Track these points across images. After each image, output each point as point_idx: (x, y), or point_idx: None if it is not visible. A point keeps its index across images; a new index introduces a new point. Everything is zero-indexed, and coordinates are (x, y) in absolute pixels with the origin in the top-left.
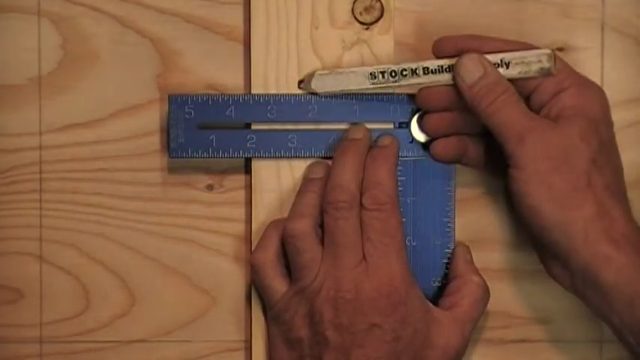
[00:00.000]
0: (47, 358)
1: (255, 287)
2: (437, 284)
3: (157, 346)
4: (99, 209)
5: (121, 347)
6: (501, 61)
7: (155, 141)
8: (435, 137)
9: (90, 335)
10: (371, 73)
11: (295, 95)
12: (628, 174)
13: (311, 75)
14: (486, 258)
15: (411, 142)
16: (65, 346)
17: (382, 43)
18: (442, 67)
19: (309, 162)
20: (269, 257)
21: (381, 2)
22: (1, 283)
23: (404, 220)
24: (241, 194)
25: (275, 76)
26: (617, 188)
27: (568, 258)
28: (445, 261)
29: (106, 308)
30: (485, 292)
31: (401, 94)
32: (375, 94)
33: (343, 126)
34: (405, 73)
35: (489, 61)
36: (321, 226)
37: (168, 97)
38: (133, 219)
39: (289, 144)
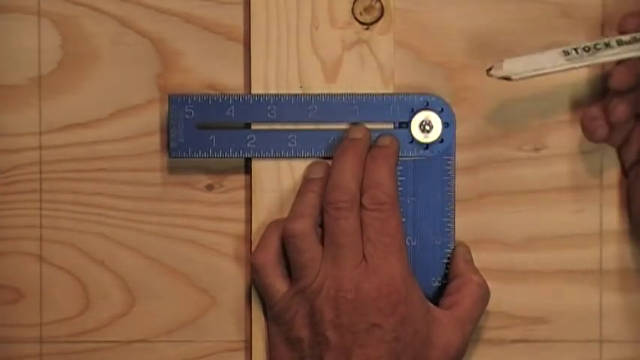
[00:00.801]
0: (47, 358)
1: (256, 287)
2: (437, 284)
3: (157, 346)
4: (99, 209)
5: (121, 347)
6: None
7: (155, 141)
8: (619, 124)
9: (90, 335)
10: (564, 51)
11: (295, 95)
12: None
13: (501, 61)
14: (486, 258)
15: (411, 142)
16: (65, 346)
17: (382, 43)
18: (636, 37)
19: (309, 162)
20: (269, 257)
21: (381, 2)
22: (1, 283)
23: (404, 220)
24: (241, 194)
25: (275, 76)
26: None
27: None
28: (445, 261)
29: (106, 308)
30: (486, 292)
31: (401, 94)
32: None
33: (343, 126)
34: (598, 47)
35: None
36: (321, 226)
37: (168, 97)
38: (133, 219)
39: (289, 144)
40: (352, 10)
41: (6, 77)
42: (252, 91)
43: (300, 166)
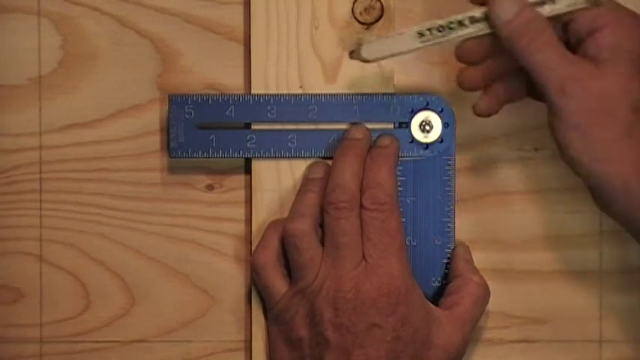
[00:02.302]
0: (47, 358)
1: (256, 287)
2: (437, 284)
3: (157, 346)
4: (99, 209)
5: (121, 347)
6: (542, 1)
7: (155, 141)
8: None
9: (90, 335)
10: (418, 32)
11: (295, 95)
12: None
13: (360, 44)
14: (486, 258)
15: (411, 142)
16: (65, 346)
17: None
18: (487, 14)
19: (309, 162)
20: (269, 257)
21: (381, 2)
22: (1, 283)
23: (404, 220)
24: (241, 194)
25: (275, 76)
26: None
27: (607, 207)
28: (445, 261)
29: (106, 308)
30: (486, 292)
31: (401, 94)
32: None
33: (343, 126)
34: (452, 26)
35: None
36: (321, 226)
37: (169, 97)
38: (133, 219)
39: (289, 144)
40: (352, 10)
41: (6, 77)
42: (252, 91)
43: (300, 166)
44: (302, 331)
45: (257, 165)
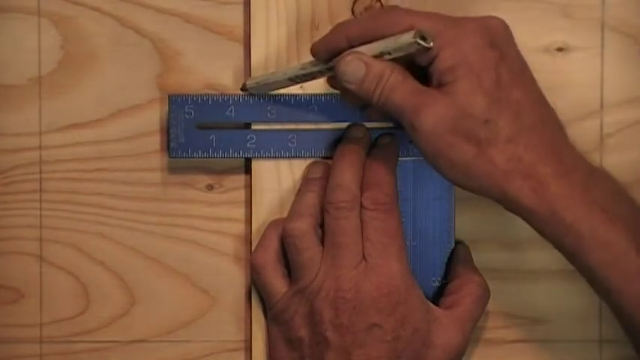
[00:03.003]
0: (47, 358)
1: (256, 287)
2: (437, 284)
3: (157, 346)
4: (99, 209)
5: (121, 347)
6: (381, 53)
7: (155, 141)
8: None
9: (90, 335)
10: (288, 78)
11: (295, 95)
12: (628, 174)
13: (246, 81)
14: (486, 258)
15: (411, 142)
16: (65, 346)
17: None
18: (321, 70)
19: (309, 162)
20: (269, 257)
21: (381, 2)
22: (1, 283)
23: (404, 220)
24: (241, 194)
25: None
26: (529, 129)
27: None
28: (445, 261)
29: (106, 308)
30: (486, 291)
31: None
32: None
33: (343, 126)
34: (314, 72)
35: (366, 56)
36: (321, 226)
37: (168, 97)
38: (133, 219)
39: (289, 144)
40: (352, 10)
41: (6, 77)
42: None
43: (300, 166)
44: (302, 331)
45: (257, 165)
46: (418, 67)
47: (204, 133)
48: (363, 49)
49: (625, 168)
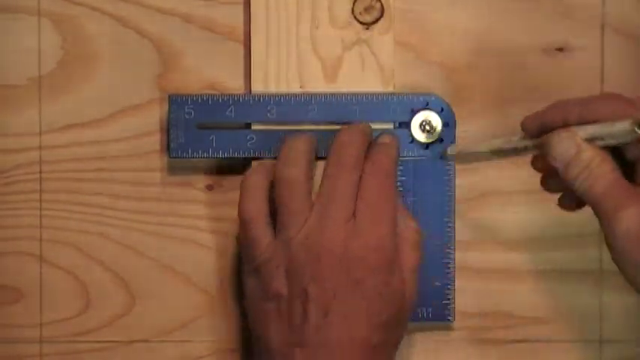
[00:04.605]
0: (47, 358)
1: (240, 243)
2: (437, 284)
3: (157, 346)
4: (99, 209)
5: (121, 347)
6: (593, 137)
7: (155, 141)
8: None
9: (90, 335)
10: (491, 151)
11: (295, 95)
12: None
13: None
14: (486, 258)
15: (411, 142)
16: (65, 346)
17: (382, 43)
18: (528, 147)
19: None
20: (259, 208)
21: (381, 2)
22: (1, 283)
23: None
24: None
25: (275, 76)
26: None
27: None
28: (445, 261)
29: (106, 308)
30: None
31: (401, 94)
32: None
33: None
34: (519, 148)
35: (580, 137)
36: None
37: (168, 97)
38: (133, 219)
39: None
40: (352, 10)
41: (6, 77)
42: (252, 91)
43: None
44: (282, 285)
45: None
46: (627, 164)
47: (204, 133)
48: (575, 129)
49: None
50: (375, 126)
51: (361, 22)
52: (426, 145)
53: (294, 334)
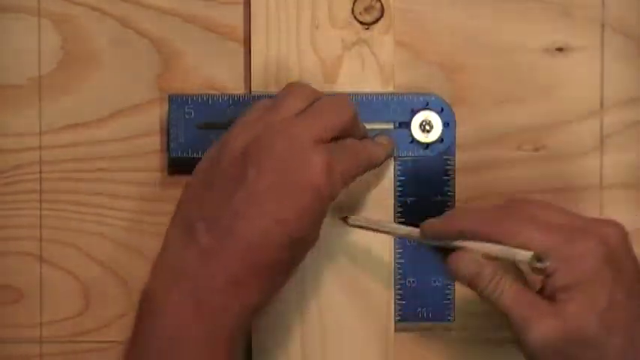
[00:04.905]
0: (47, 358)
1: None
2: (437, 284)
3: None
4: (99, 209)
5: (121, 347)
6: (494, 257)
7: (155, 141)
8: None
9: (90, 335)
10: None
11: None
12: (628, 174)
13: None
14: None
15: (411, 142)
16: (65, 346)
17: (382, 43)
18: (426, 244)
19: None
20: None
21: (381, 2)
22: (1, 283)
23: (404, 220)
24: None
25: (275, 76)
26: None
27: None
28: (445, 261)
29: (106, 308)
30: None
31: (401, 94)
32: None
33: None
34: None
35: (479, 256)
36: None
37: (168, 97)
38: (133, 219)
39: None
40: (352, 10)
41: (6, 77)
42: (252, 91)
43: None
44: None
45: None
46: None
47: (204, 133)
48: (476, 246)
49: (625, 168)
50: (375, 126)
51: (361, 22)
52: (426, 145)
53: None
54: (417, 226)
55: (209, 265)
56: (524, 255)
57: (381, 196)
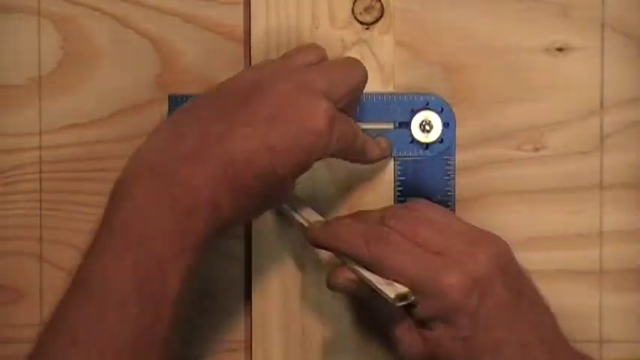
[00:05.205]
0: None
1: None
2: None
3: None
4: (99, 209)
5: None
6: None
7: None
8: None
9: None
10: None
11: None
12: (628, 174)
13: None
14: None
15: (411, 142)
16: None
17: (382, 43)
18: None
19: None
20: None
21: (381, 2)
22: (1, 283)
23: None
24: None
25: None
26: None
27: None
28: None
29: None
30: None
31: (401, 94)
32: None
33: None
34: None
35: (354, 279)
36: None
37: (168, 97)
38: None
39: None
40: (352, 10)
41: (6, 77)
42: None
43: None
44: None
45: None
46: None
47: None
48: (352, 267)
49: (625, 168)
50: (375, 126)
51: (361, 22)
52: (426, 145)
53: None
54: None
55: (189, 166)
56: (388, 294)
57: (381, 196)
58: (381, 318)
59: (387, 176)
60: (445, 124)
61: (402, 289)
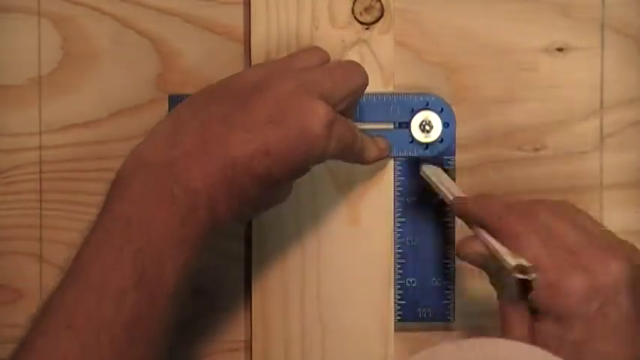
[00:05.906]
0: None
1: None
2: (437, 284)
3: None
4: (99, 209)
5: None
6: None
7: None
8: None
9: None
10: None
11: None
12: (628, 174)
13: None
14: None
15: (411, 142)
16: None
17: (382, 43)
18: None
19: None
20: None
21: (381, 2)
22: (1, 283)
23: (404, 220)
24: None
25: None
26: None
27: None
28: (445, 261)
29: None
30: None
31: (401, 94)
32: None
33: None
34: None
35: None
36: None
37: (169, 97)
38: None
39: None
40: (352, 10)
41: (6, 77)
42: None
43: None
44: None
45: None
46: None
47: None
48: (484, 237)
49: (625, 168)
50: (375, 126)
51: (361, 22)
52: (426, 145)
53: None
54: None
55: (189, 167)
56: (509, 261)
57: (381, 196)
58: (501, 295)
59: (387, 176)
60: (445, 124)
61: (525, 262)
